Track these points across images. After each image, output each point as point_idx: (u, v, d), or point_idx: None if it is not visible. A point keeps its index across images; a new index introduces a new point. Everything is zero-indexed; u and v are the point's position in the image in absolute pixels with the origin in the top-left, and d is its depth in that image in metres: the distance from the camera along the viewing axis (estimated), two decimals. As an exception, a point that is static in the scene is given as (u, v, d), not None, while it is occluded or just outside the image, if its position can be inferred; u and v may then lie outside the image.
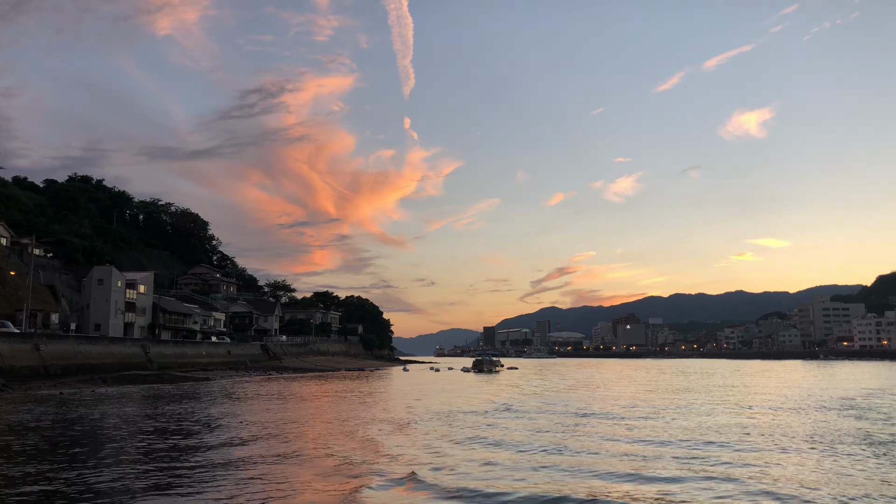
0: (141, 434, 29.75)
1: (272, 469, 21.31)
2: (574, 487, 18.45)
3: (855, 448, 26.25)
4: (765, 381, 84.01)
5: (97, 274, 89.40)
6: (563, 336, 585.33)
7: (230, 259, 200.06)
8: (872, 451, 25.59)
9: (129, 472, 20.48)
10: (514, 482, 19.17)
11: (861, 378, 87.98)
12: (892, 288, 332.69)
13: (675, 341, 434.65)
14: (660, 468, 21.60)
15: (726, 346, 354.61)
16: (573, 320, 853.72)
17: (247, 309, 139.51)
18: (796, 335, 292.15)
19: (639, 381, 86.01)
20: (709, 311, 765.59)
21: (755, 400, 51.86)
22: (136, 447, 26.15)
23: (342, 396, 56.43)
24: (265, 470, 21.12)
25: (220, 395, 53.90)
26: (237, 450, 25.53)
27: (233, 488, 18.26)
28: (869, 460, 23.40)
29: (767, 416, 38.75)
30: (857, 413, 40.54)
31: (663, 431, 31.53)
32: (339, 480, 19.54)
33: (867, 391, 60.86)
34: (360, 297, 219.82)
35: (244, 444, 27.27)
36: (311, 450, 25.64)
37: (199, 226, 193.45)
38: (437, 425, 34.23)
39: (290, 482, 19.16)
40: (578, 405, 47.00)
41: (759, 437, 29.43)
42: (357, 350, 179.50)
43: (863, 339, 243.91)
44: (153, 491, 17.98)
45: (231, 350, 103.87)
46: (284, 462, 22.78)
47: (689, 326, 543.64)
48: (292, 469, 21.45)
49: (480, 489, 18.04)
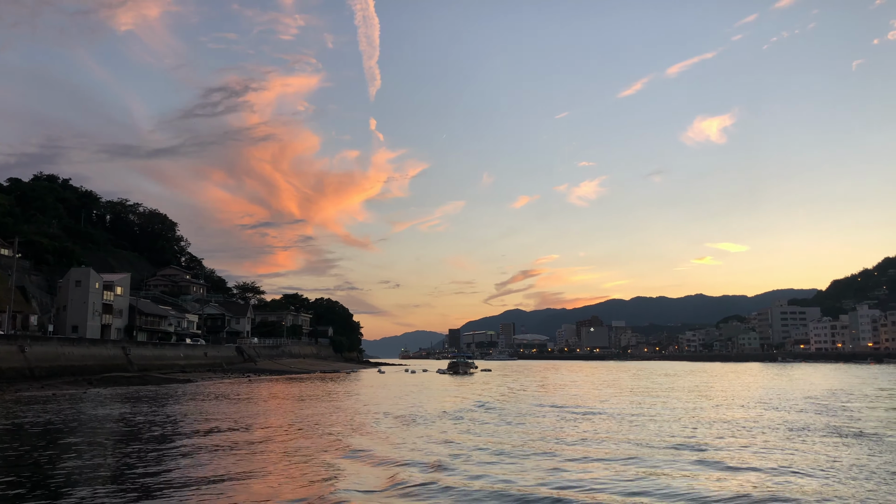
0: (190, 429, 31.00)
1: (344, 463, 22.92)
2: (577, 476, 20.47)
3: (828, 440, 28.74)
4: (731, 382, 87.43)
5: (74, 275, 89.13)
6: (528, 338, 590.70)
7: (199, 260, 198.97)
8: (842, 441, 28.13)
9: (204, 461, 21.97)
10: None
11: (820, 379, 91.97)
12: (846, 292, 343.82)
13: (637, 344, 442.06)
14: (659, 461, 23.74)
15: (687, 349, 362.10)
16: (537, 322, 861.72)
17: (219, 311, 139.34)
18: (755, 338, 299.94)
19: (619, 383, 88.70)
20: (669, 314, 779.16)
21: (728, 399, 54.64)
22: (192, 443, 27.47)
23: (336, 398, 57.75)
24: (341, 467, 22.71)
25: (211, 397, 54.82)
26: (284, 450, 27.00)
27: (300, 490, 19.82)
28: (843, 449, 25.84)
29: (746, 413, 41.32)
30: (823, 411, 43.38)
31: (656, 430, 33.78)
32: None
33: (829, 391, 64.24)
34: (329, 300, 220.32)
35: (289, 441, 28.75)
36: (374, 448, 27.24)
37: (168, 227, 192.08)
38: (450, 422, 36.07)
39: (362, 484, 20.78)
40: (566, 404, 49.14)
41: (745, 433, 31.81)
42: (327, 352, 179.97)
43: (819, 341, 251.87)
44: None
45: (207, 352, 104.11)
46: (358, 466, 24.36)
47: (650, 329, 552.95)
48: (360, 469, 23.06)
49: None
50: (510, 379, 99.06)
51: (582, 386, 78.99)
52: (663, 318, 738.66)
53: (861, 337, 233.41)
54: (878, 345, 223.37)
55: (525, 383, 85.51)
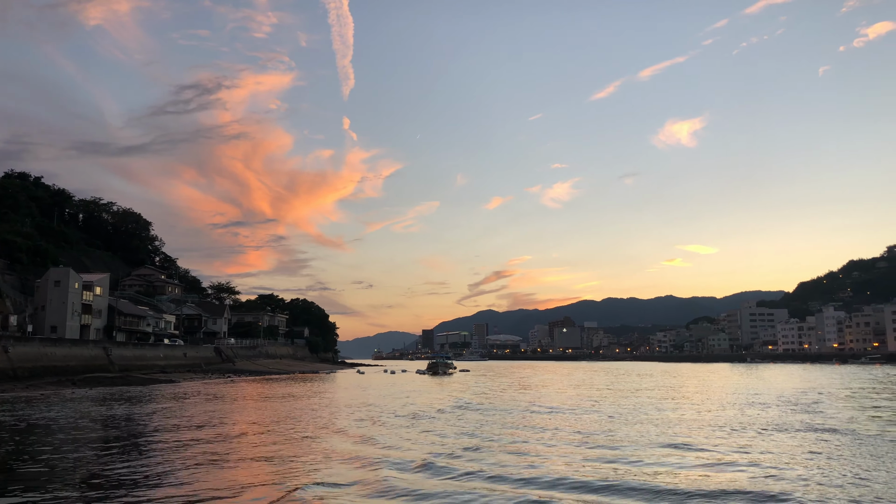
0: (196, 430, 31.69)
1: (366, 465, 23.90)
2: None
3: (806, 434, 30.41)
4: (706, 383, 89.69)
5: (54, 275, 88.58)
6: (501, 339, 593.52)
7: (173, 260, 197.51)
8: (817, 436, 29.81)
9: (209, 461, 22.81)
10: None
11: (789, 379, 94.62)
12: (812, 294, 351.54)
13: (609, 344, 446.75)
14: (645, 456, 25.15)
15: (658, 350, 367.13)
16: (510, 323, 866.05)
17: (196, 311, 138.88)
18: (725, 339, 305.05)
19: (599, 384, 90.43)
20: (640, 315, 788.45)
21: (706, 399, 56.52)
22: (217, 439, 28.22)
23: (326, 398, 58.53)
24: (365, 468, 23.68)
25: (201, 398, 55.29)
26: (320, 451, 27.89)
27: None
28: (822, 443, 27.48)
29: (727, 412, 43.04)
30: (798, 409, 45.31)
31: (646, 427, 35.26)
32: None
33: (799, 391, 66.50)
34: (305, 300, 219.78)
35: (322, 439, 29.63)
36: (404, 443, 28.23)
37: (142, 226, 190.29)
38: (451, 417, 37.17)
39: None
40: (545, 404, 50.54)
41: (729, 430, 33.39)
42: (303, 353, 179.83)
43: (786, 343, 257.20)
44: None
45: (187, 353, 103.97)
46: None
47: (621, 330, 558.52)
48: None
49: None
50: (489, 379, 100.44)
51: (563, 386, 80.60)
52: (634, 318, 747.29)
53: (827, 338, 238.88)
54: (843, 346, 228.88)
55: (504, 383, 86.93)
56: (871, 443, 28.23)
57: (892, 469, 21.91)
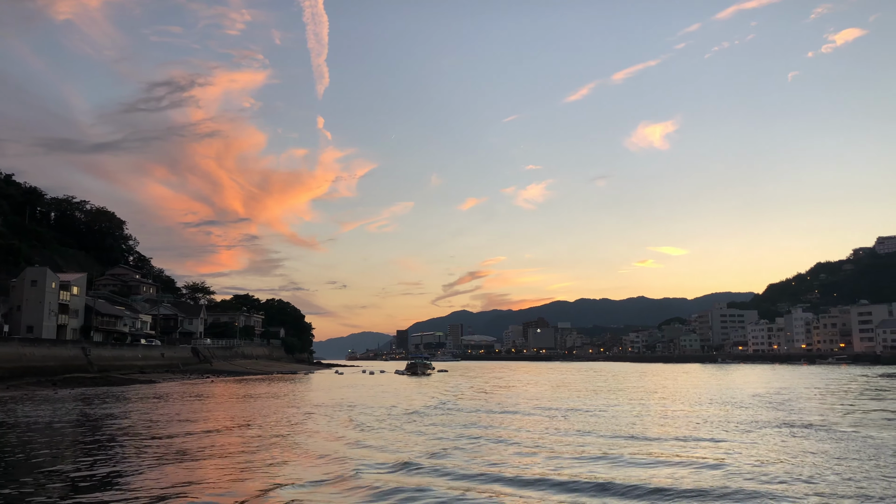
0: (196, 429, 32.15)
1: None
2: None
3: (784, 430, 31.79)
4: (680, 382, 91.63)
5: (30, 275, 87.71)
6: (476, 339, 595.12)
7: (147, 260, 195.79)
8: (793, 432, 31.19)
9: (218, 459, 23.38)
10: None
11: (760, 379, 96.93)
12: (781, 296, 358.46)
13: (582, 345, 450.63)
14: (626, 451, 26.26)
15: (631, 350, 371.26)
16: (483, 323, 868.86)
17: (172, 311, 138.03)
18: (696, 340, 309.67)
19: (576, 384, 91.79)
20: (612, 316, 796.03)
21: (683, 398, 58.07)
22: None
23: (310, 399, 59.03)
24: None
25: (184, 398, 55.48)
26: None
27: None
28: (799, 439, 28.83)
29: (706, 410, 44.46)
30: (772, 406, 46.92)
31: (630, 421, 36.44)
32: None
33: (772, 390, 68.46)
34: (281, 301, 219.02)
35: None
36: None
37: (115, 225, 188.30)
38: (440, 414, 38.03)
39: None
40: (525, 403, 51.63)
41: (709, 427, 34.69)
42: (279, 354, 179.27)
43: (756, 343, 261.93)
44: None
45: (164, 353, 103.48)
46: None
47: (593, 330, 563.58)
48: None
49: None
50: (469, 379, 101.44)
51: (544, 387, 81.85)
52: (606, 319, 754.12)
53: (795, 339, 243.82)
54: (811, 346, 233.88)
55: (483, 383, 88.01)
56: (845, 438, 29.65)
57: (866, 461, 23.26)
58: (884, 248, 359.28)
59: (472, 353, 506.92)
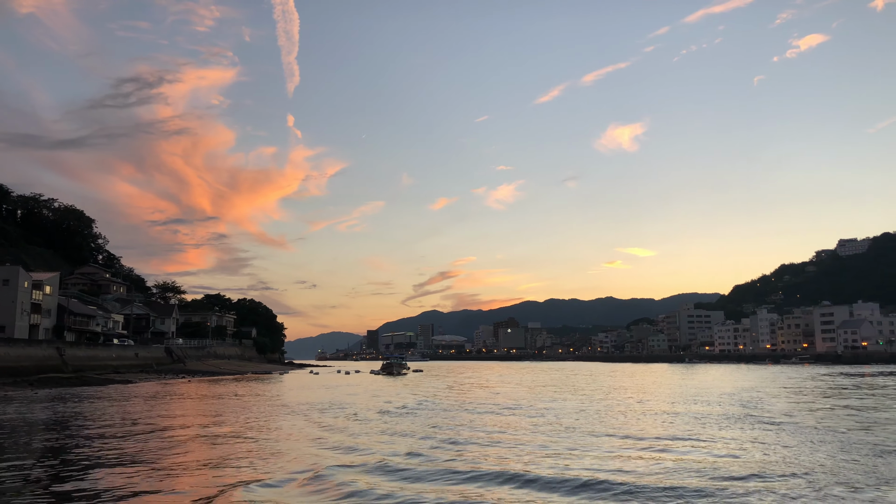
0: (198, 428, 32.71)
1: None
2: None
3: (756, 426, 33.40)
4: (652, 381, 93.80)
5: (2, 274, 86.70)
6: (447, 339, 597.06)
7: (117, 259, 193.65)
8: (764, 427, 32.82)
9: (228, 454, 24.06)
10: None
11: (728, 378, 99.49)
12: (746, 297, 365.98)
13: (552, 345, 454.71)
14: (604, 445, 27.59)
15: (600, 350, 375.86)
16: (454, 323, 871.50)
17: (144, 311, 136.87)
18: (664, 340, 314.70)
19: (553, 383, 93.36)
20: (581, 316, 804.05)
21: (657, 396, 59.86)
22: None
23: (293, 398, 59.62)
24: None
25: (165, 398, 55.73)
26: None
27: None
28: (769, 434, 30.41)
29: (681, 408, 46.11)
30: (741, 404, 48.78)
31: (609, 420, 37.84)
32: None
33: (740, 388, 70.65)
34: (252, 300, 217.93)
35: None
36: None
37: (84, 224, 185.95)
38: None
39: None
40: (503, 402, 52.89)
41: (685, 423, 36.21)
42: (251, 353, 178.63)
43: (722, 343, 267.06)
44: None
45: (138, 353, 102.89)
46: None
47: (563, 330, 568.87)
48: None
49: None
50: (443, 379, 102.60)
51: (520, 386, 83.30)
52: (575, 319, 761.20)
53: (760, 339, 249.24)
54: (776, 346, 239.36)
55: (458, 382, 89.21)
56: (811, 433, 31.33)
57: (833, 454, 24.85)
58: (845, 250, 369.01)
59: (442, 353, 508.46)
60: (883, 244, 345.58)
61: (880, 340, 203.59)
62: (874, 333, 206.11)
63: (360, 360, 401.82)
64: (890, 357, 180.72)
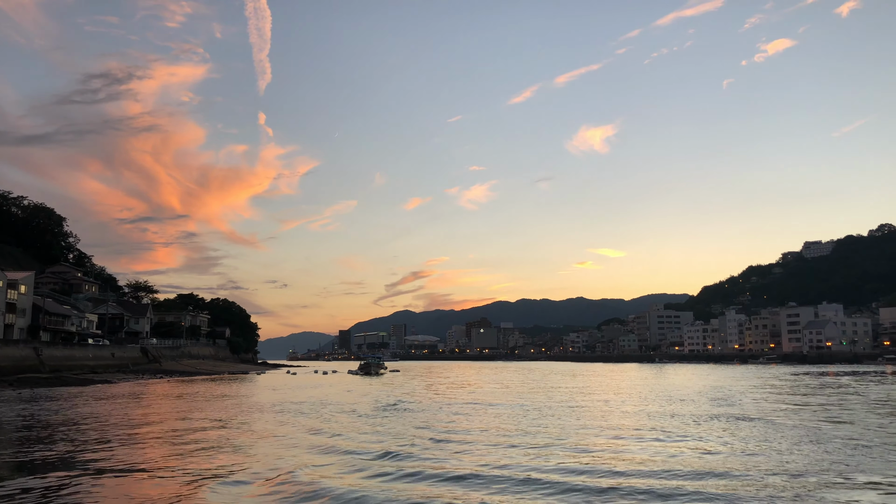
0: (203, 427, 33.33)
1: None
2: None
3: (731, 422, 35.05)
4: (627, 381, 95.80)
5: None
6: (419, 339, 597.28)
7: (88, 258, 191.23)
8: (740, 423, 34.48)
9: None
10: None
11: (699, 378, 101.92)
12: (715, 297, 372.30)
13: (524, 344, 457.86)
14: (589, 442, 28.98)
15: (572, 350, 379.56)
16: (426, 323, 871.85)
17: (118, 311, 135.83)
18: (634, 340, 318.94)
19: (529, 383, 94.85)
20: (552, 316, 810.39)
21: (634, 395, 61.62)
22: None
23: (277, 397, 60.24)
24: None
25: (152, 397, 56.06)
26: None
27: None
28: (745, 428, 32.05)
29: (657, 406, 47.76)
30: (716, 402, 50.64)
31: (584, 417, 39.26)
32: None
33: (713, 387, 72.77)
34: (226, 300, 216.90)
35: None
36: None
37: (55, 222, 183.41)
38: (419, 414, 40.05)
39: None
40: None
41: (663, 420, 37.76)
42: (225, 354, 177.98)
43: (692, 343, 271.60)
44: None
45: (114, 353, 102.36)
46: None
47: (534, 330, 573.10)
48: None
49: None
50: (421, 378, 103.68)
51: (496, 385, 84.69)
52: (547, 319, 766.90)
53: (729, 339, 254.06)
54: (744, 347, 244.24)
55: (434, 382, 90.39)
56: (784, 427, 33.04)
57: (805, 446, 26.47)
58: (810, 252, 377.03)
59: (415, 353, 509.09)
60: (847, 246, 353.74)
61: (844, 341, 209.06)
62: (838, 334, 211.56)
63: (333, 361, 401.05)
64: (853, 357, 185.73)
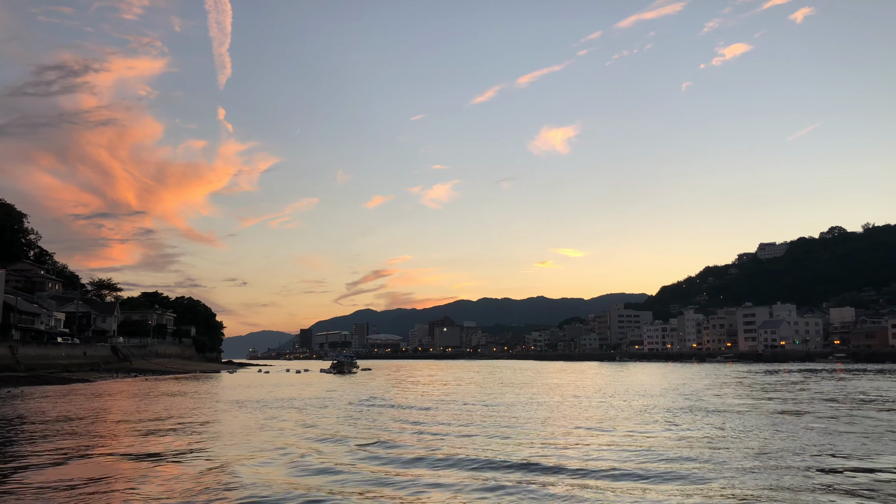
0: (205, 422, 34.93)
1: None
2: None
3: (699, 415, 38.07)
4: (593, 379, 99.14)
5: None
6: (382, 338, 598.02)
7: (50, 255, 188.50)
8: (707, 416, 37.51)
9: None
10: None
11: (660, 375, 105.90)
12: (673, 297, 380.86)
13: (487, 343, 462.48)
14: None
15: (534, 349, 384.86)
16: (388, 322, 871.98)
17: (86, 309, 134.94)
18: (595, 339, 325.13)
19: (497, 381, 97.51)
20: (513, 315, 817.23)
21: (602, 392, 64.72)
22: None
23: (258, 395, 61.80)
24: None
25: (139, 396, 57.19)
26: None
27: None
28: (713, 419, 35.04)
29: (629, 402, 50.74)
30: (682, 396, 53.90)
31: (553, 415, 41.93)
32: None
33: (677, 384, 76.40)
34: (191, 299, 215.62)
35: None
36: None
37: (14, 218, 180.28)
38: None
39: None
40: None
41: (637, 414, 40.63)
42: (191, 353, 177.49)
43: (651, 343, 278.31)
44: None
45: (86, 352, 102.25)
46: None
47: (496, 329, 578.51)
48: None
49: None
50: (391, 376, 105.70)
51: (467, 382, 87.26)
52: (508, 318, 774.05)
53: (687, 339, 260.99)
54: (701, 346, 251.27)
55: (406, 379, 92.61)
56: (747, 419, 36.17)
57: (767, 434, 29.48)
58: (765, 253, 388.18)
59: (377, 351, 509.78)
60: (799, 248, 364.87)
61: (797, 340, 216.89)
62: (791, 333, 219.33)
63: (295, 360, 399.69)
64: (805, 355, 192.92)
